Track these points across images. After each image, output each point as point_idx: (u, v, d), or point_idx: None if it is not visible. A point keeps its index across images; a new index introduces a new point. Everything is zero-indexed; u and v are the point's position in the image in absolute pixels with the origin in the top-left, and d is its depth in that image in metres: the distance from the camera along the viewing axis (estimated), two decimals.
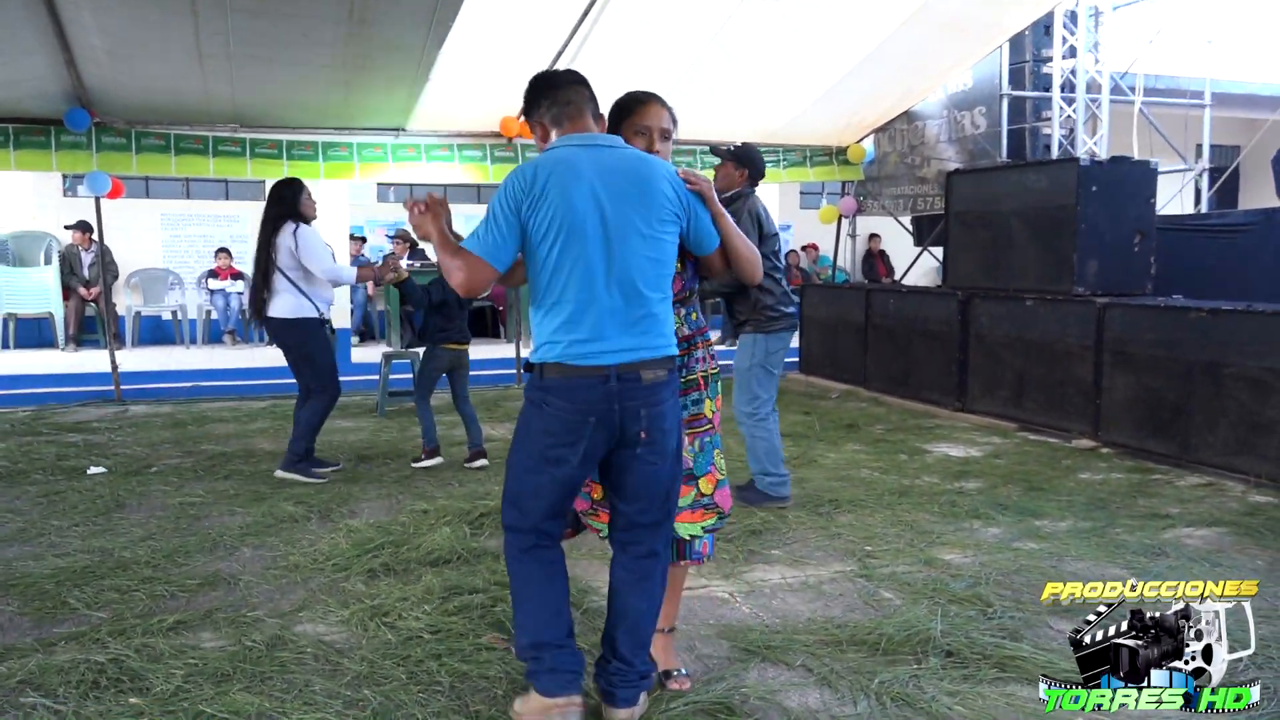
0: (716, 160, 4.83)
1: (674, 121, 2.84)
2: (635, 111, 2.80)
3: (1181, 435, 5.89)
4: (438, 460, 5.89)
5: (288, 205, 5.48)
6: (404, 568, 3.89)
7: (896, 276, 13.47)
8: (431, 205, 2.68)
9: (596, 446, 2.52)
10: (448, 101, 8.19)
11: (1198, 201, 11.58)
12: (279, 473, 5.51)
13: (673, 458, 2.62)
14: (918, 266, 11.92)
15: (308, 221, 5.55)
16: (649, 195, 2.55)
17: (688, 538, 2.84)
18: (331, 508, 4.88)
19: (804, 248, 14.01)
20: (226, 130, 8.31)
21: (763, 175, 4.95)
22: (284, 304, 5.44)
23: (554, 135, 2.63)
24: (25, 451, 6.17)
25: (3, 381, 8.69)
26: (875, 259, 14.64)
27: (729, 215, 2.80)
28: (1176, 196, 10.68)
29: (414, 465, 5.85)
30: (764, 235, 4.74)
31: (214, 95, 7.66)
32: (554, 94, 2.64)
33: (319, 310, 5.55)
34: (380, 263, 5.93)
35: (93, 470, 5.64)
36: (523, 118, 2.76)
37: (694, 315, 2.90)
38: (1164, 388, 6.02)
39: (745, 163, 4.81)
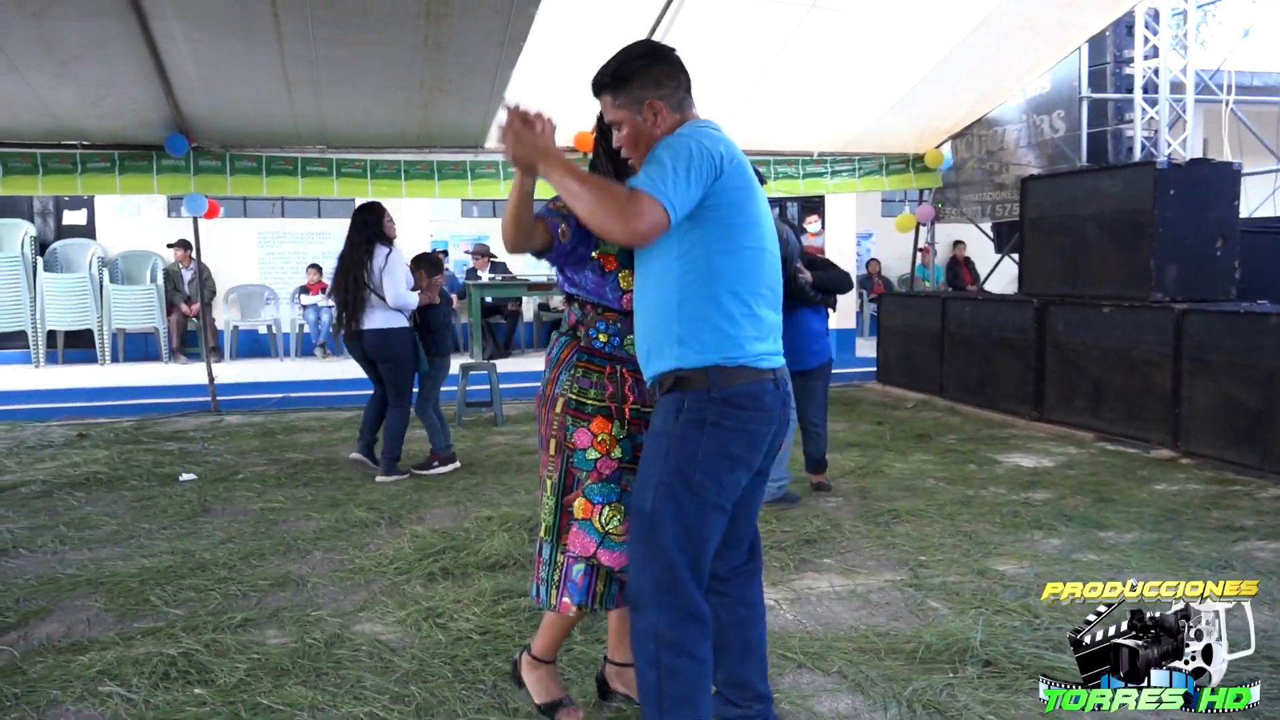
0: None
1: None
2: None
3: (1263, 445, 5.71)
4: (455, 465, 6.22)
5: (373, 229, 5.92)
6: (461, 571, 4.05)
7: (981, 283, 13.25)
8: (545, 120, 2.24)
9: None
10: None
11: None
12: (379, 479, 5.94)
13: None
14: (1000, 273, 11.71)
15: (389, 243, 5.96)
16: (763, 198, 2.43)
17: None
18: (401, 514, 5.08)
19: (920, 249, 13.84)
20: (314, 151, 8.68)
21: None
22: (379, 317, 5.88)
23: (668, 118, 2.34)
24: (125, 459, 6.55)
25: (110, 393, 9.21)
26: (960, 266, 14.43)
27: None
28: (1274, 198, 10.26)
29: (433, 472, 6.11)
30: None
31: (301, 119, 8.03)
32: (680, 77, 2.38)
33: (405, 321, 5.98)
34: (429, 286, 6.39)
35: (184, 477, 5.97)
36: (609, 95, 2.39)
37: None
38: (1244, 396, 5.84)
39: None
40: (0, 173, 7.87)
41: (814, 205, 13.26)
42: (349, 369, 10.76)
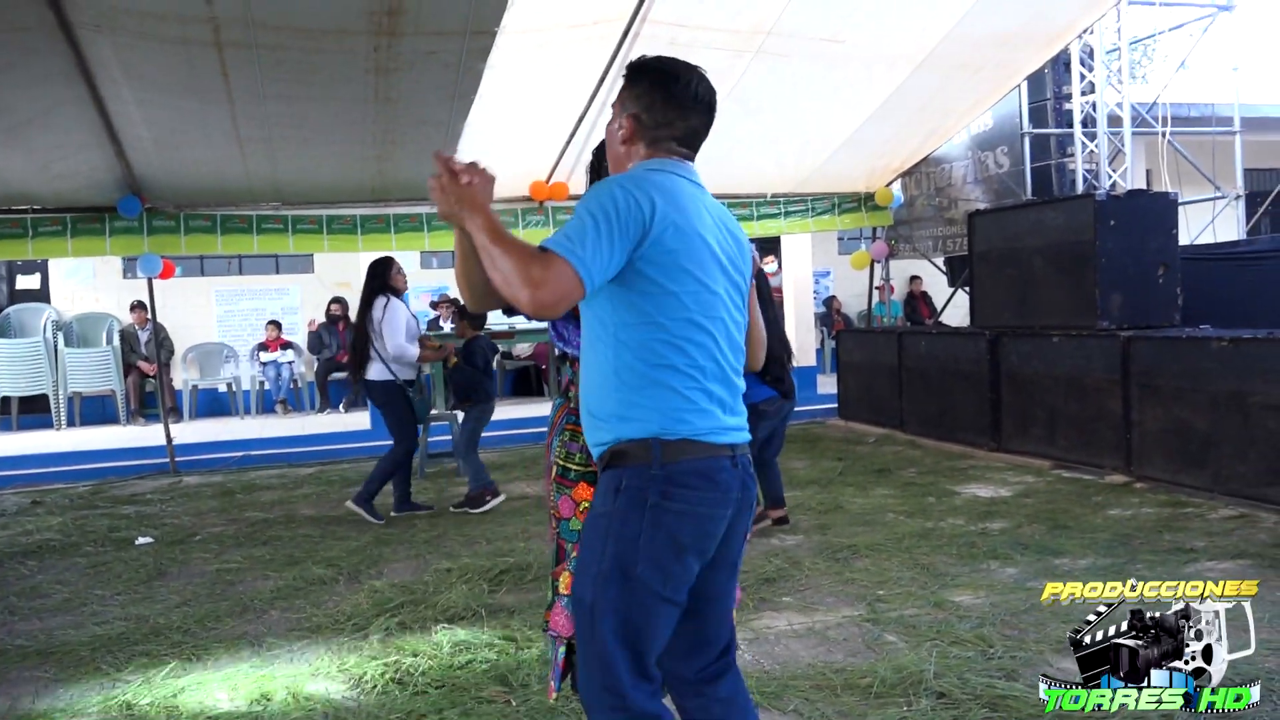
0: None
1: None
2: None
3: (1213, 467, 5.82)
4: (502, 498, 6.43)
5: (380, 280, 6.20)
6: (419, 625, 4.02)
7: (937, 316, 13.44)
8: (476, 171, 2.04)
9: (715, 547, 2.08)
10: None
11: (1255, 229, 11.42)
12: (348, 504, 6.24)
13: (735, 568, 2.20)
14: (955, 306, 11.89)
15: (399, 294, 6.24)
16: (744, 257, 2.18)
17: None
18: (360, 569, 5.04)
19: (877, 287, 14.00)
20: (269, 208, 8.69)
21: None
22: (377, 368, 6.14)
23: (639, 150, 2.15)
24: (80, 525, 6.45)
25: (66, 458, 9.08)
26: (917, 300, 14.61)
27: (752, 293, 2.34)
28: (1213, 225, 10.54)
29: (485, 509, 6.30)
30: None
31: (255, 176, 8.04)
32: (673, 109, 2.17)
33: (394, 375, 6.15)
34: (441, 345, 6.65)
35: (140, 540, 5.89)
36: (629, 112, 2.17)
37: None
38: (1193, 419, 5.95)
39: None
40: None
41: (770, 245, 13.42)
42: (311, 425, 10.73)
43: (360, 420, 10.30)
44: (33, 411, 11.49)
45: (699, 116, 2.15)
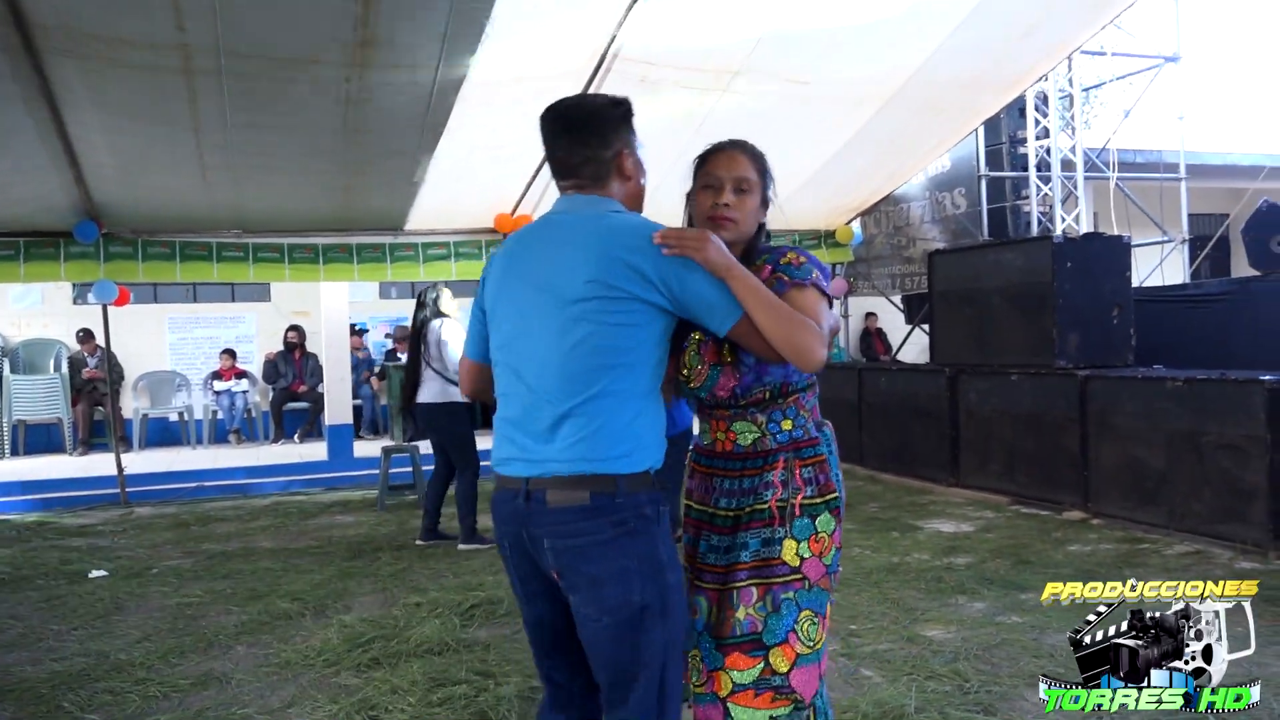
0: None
1: (763, 174, 2.28)
2: (709, 161, 2.29)
3: (1168, 504, 5.96)
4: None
5: (432, 309, 6.32)
6: (393, 661, 3.96)
7: (894, 354, 13.63)
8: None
9: (528, 579, 2.04)
10: (443, 201, 8.47)
11: (1197, 273, 11.79)
12: (460, 546, 6.18)
13: (624, 618, 1.93)
14: (911, 344, 12.08)
15: (443, 317, 6.33)
16: (571, 263, 1.99)
17: None
18: (326, 603, 4.96)
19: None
20: (230, 236, 8.58)
21: None
22: (431, 391, 6.17)
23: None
24: (29, 557, 6.27)
25: (11, 488, 8.82)
26: (873, 337, 14.81)
27: (744, 274, 2.01)
28: (1160, 268, 10.85)
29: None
30: None
31: (217, 203, 7.95)
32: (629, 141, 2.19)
33: (452, 396, 6.14)
34: None
35: (94, 574, 5.73)
36: (615, 152, 2.14)
37: (786, 424, 2.20)
38: (1148, 457, 6.10)
39: None
40: None
41: None
42: (266, 455, 10.56)
43: (317, 451, 10.15)
44: None
45: (549, 144, 2.17)
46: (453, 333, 6.22)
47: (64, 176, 7.21)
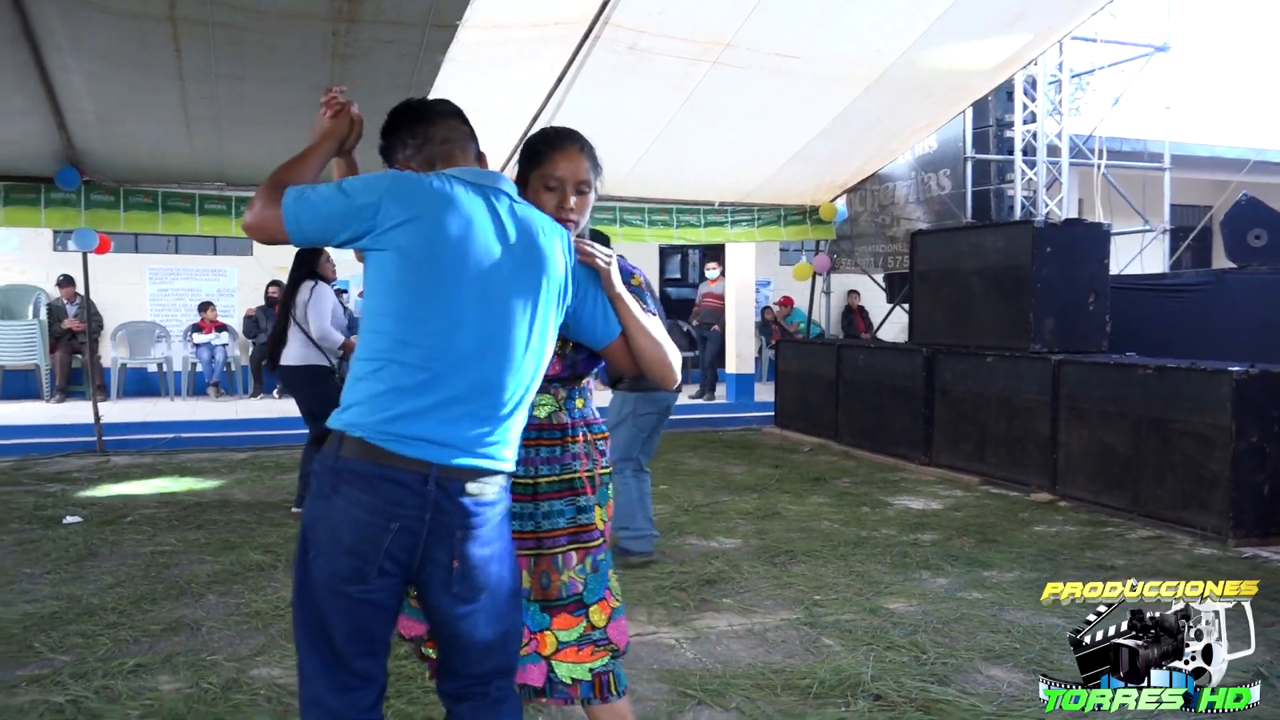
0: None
1: (596, 170, 2.29)
2: (546, 159, 2.23)
3: (1133, 489, 6.06)
4: None
5: (309, 267, 6.06)
6: None
7: (874, 332, 13.73)
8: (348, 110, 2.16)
9: (396, 562, 1.89)
10: None
11: (1178, 263, 11.89)
12: (295, 510, 5.99)
13: (497, 604, 2.00)
14: (891, 322, 12.16)
15: (327, 281, 6.10)
16: (544, 265, 2.02)
17: (569, 681, 2.26)
18: None
19: (778, 303, 14.31)
20: (213, 189, 8.53)
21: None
22: (294, 353, 5.93)
23: None
24: (3, 501, 6.29)
25: None
26: (854, 315, 14.89)
27: (630, 302, 2.21)
28: (1140, 257, 10.95)
29: None
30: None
31: (201, 155, 7.91)
32: (425, 130, 2.10)
33: (328, 360, 5.98)
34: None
35: (68, 520, 5.76)
36: (382, 160, 2.17)
37: (579, 401, 2.36)
38: (1116, 442, 6.20)
39: None
40: None
41: (715, 252, 13.58)
42: (244, 409, 10.56)
43: (294, 406, 10.12)
44: None
45: (444, 123, 2.17)
46: (323, 303, 5.91)
47: (46, 121, 7.15)
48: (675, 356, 2.27)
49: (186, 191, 8.47)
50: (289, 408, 10.28)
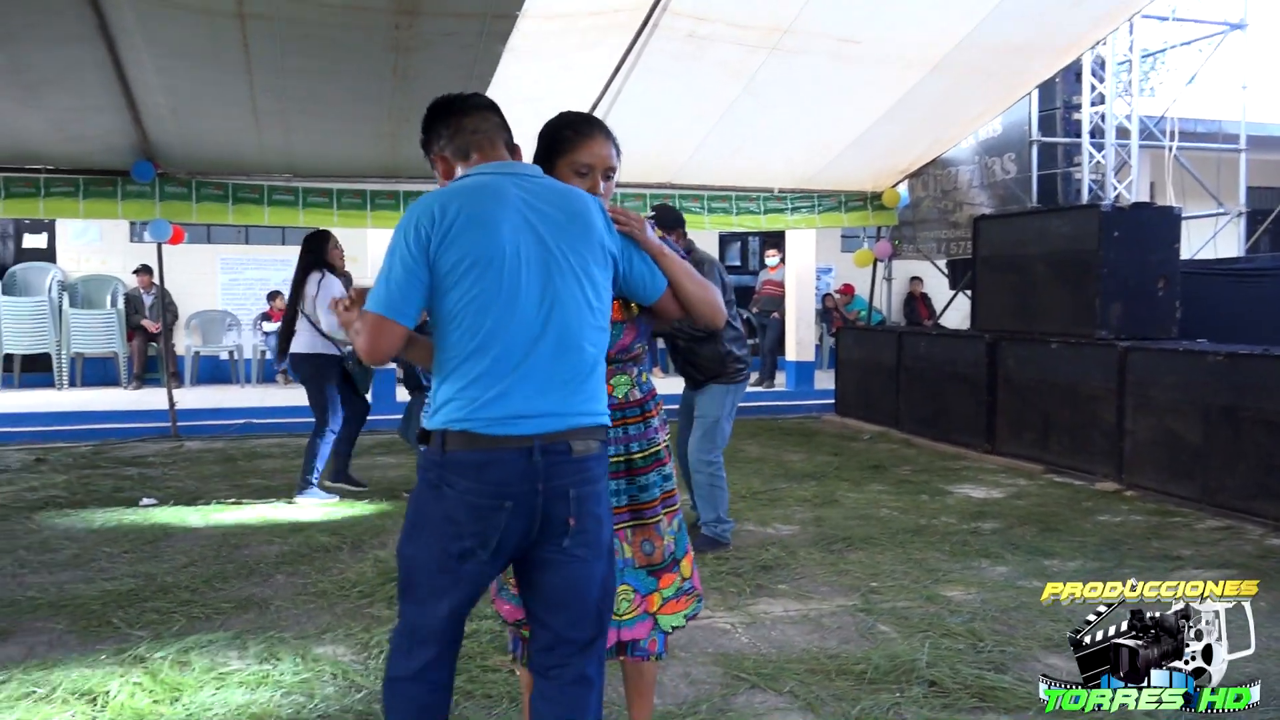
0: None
1: (619, 154, 2.40)
2: (574, 146, 2.33)
3: (1202, 478, 5.92)
4: None
5: (316, 255, 6.10)
6: None
7: (936, 318, 13.55)
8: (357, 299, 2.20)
9: (510, 540, 2.02)
10: None
11: (1255, 247, 11.52)
12: (297, 497, 6.02)
13: (607, 554, 2.14)
14: (955, 309, 11.99)
15: (334, 269, 6.12)
16: (586, 230, 2.12)
17: (670, 630, 2.51)
18: (364, 539, 5.13)
19: (838, 290, 14.19)
20: (281, 180, 8.74)
21: (682, 226, 4.88)
22: (303, 341, 6.03)
23: (459, 170, 2.20)
24: (84, 483, 6.54)
25: (69, 417, 9.14)
26: (917, 301, 14.71)
27: (671, 253, 2.33)
28: (1214, 241, 10.64)
29: None
30: (722, 286, 4.69)
31: (269, 148, 8.10)
32: (457, 122, 2.21)
33: (338, 350, 6.06)
34: None
35: (144, 502, 5.97)
36: (423, 152, 2.31)
37: (644, 376, 2.52)
38: (1185, 431, 6.06)
39: (667, 224, 4.59)
40: None
41: (775, 239, 13.52)
42: None
43: None
44: (34, 370, 11.56)
45: (477, 114, 2.28)
46: (330, 291, 5.89)
47: (122, 116, 7.38)
48: (718, 295, 2.40)
49: (255, 183, 8.68)
50: None
